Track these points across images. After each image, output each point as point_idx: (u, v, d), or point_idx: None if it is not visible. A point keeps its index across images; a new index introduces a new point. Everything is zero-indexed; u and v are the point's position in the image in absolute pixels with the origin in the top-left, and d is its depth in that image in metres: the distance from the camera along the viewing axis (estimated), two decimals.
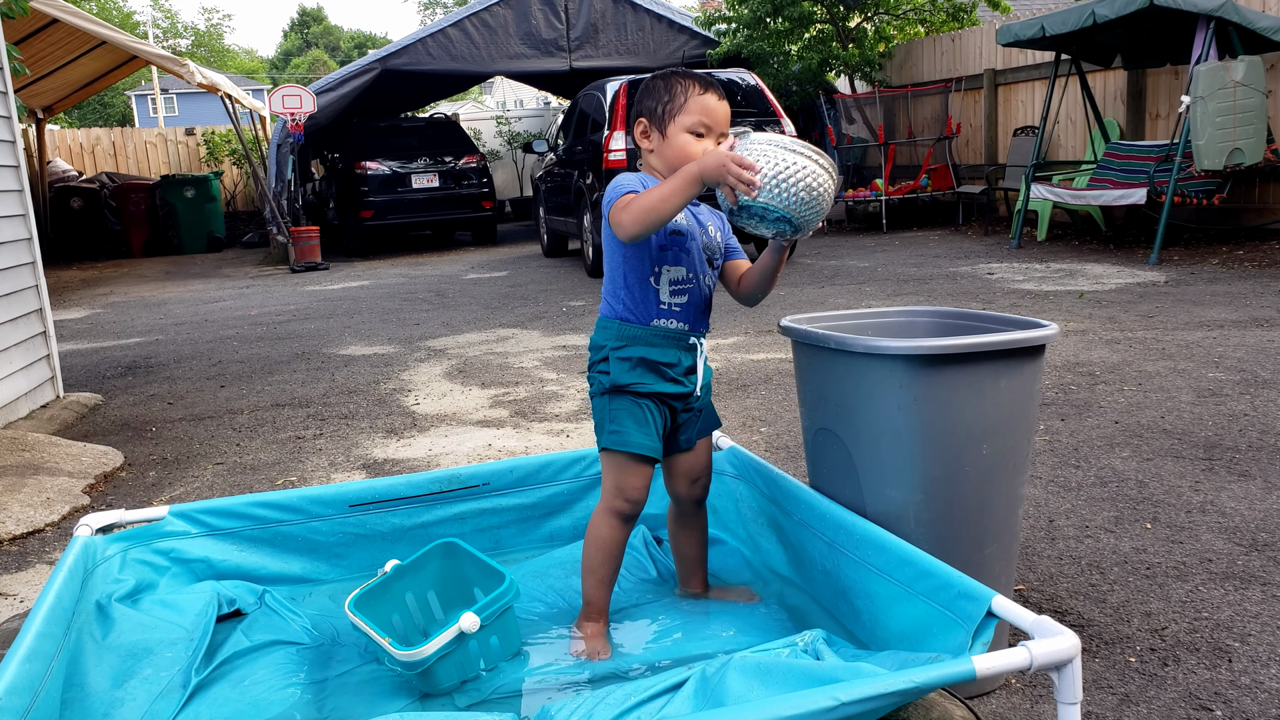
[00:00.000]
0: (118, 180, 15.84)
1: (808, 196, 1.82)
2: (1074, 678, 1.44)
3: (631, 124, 2.12)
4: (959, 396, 1.90)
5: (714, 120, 2.02)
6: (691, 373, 2.11)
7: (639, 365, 2.05)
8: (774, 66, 12.88)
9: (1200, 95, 7.22)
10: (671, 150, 2.03)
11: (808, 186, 1.82)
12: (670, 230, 2.04)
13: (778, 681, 1.56)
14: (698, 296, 2.10)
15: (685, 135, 2.01)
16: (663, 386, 2.07)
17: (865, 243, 10.66)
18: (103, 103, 38.63)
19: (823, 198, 1.84)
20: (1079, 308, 6.07)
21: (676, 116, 2.02)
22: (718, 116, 2.02)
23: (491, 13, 13.18)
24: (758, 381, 4.74)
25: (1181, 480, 3.11)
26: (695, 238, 2.09)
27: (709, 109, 2.02)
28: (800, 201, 1.82)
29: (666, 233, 2.04)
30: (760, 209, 1.84)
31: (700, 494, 2.22)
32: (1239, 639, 2.16)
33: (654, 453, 2.08)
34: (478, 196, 13.39)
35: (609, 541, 2.09)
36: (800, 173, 1.81)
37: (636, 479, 2.07)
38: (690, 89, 2.02)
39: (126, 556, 2.28)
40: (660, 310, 2.06)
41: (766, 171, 1.80)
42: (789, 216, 1.84)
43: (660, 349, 2.06)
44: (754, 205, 1.83)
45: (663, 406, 2.09)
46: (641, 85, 2.12)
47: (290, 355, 6.27)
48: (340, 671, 2.05)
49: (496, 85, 39.99)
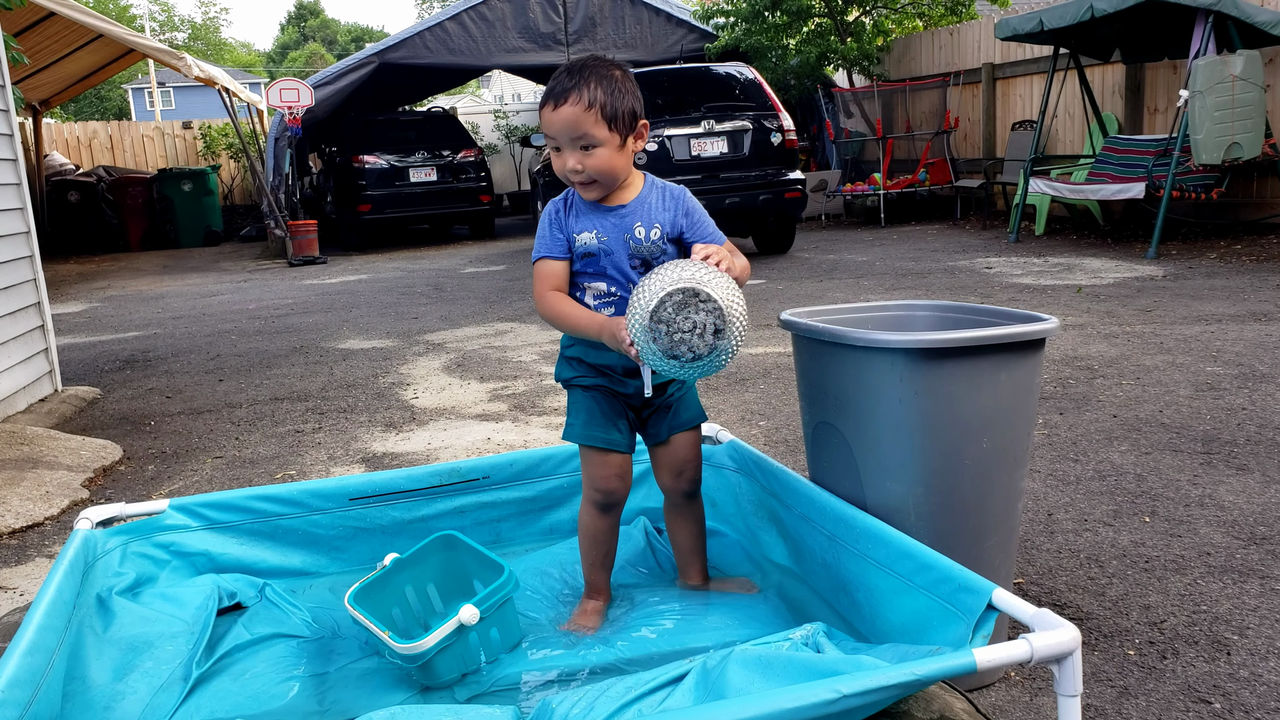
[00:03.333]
0: (115, 174, 15.81)
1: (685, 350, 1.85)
2: (1074, 670, 1.44)
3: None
4: (959, 390, 1.90)
5: (558, 134, 2.00)
6: (631, 375, 2.10)
7: (579, 362, 2.13)
8: (772, 60, 12.87)
9: (1199, 89, 7.22)
10: (555, 164, 2.10)
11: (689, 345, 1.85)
12: (580, 254, 2.07)
13: (778, 674, 1.56)
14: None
15: (550, 152, 2.07)
16: (605, 382, 2.13)
17: (863, 237, 10.66)
18: (100, 96, 38.57)
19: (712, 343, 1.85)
20: (1077, 302, 6.08)
21: (543, 132, 2.06)
22: (553, 128, 2.00)
23: (489, 6, 13.16)
24: (756, 376, 4.75)
25: (1180, 474, 3.11)
26: (613, 252, 2.05)
27: (547, 123, 2.01)
28: (678, 359, 1.85)
29: (577, 256, 2.07)
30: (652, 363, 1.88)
31: (686, 487, 2.22)
32: (1237, 632, 2.16)
33: (606, 444, 2.11)
34: (475, 190, 13.37)
35: (590, 529, 2.18)
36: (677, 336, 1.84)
37: (598, 469, 2.13)
38: (543, 104, 2.02)
39: (127, 550, 2.28)
40: None
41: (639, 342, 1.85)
42: (669, 372, 1.89)
43: (598, 351, 2.09)
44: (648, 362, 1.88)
45: (615, 400, 2.13)
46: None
47: (288, 349, 6.26)
48: (341, 664, 2.05)
49: (494, 79, 39.91)
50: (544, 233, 2.09)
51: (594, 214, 2.07)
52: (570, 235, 2.07)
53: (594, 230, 2.06)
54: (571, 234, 2.07)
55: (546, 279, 2.08)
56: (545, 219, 2.09)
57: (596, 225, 2.06)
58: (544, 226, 2.09)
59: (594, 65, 2.00)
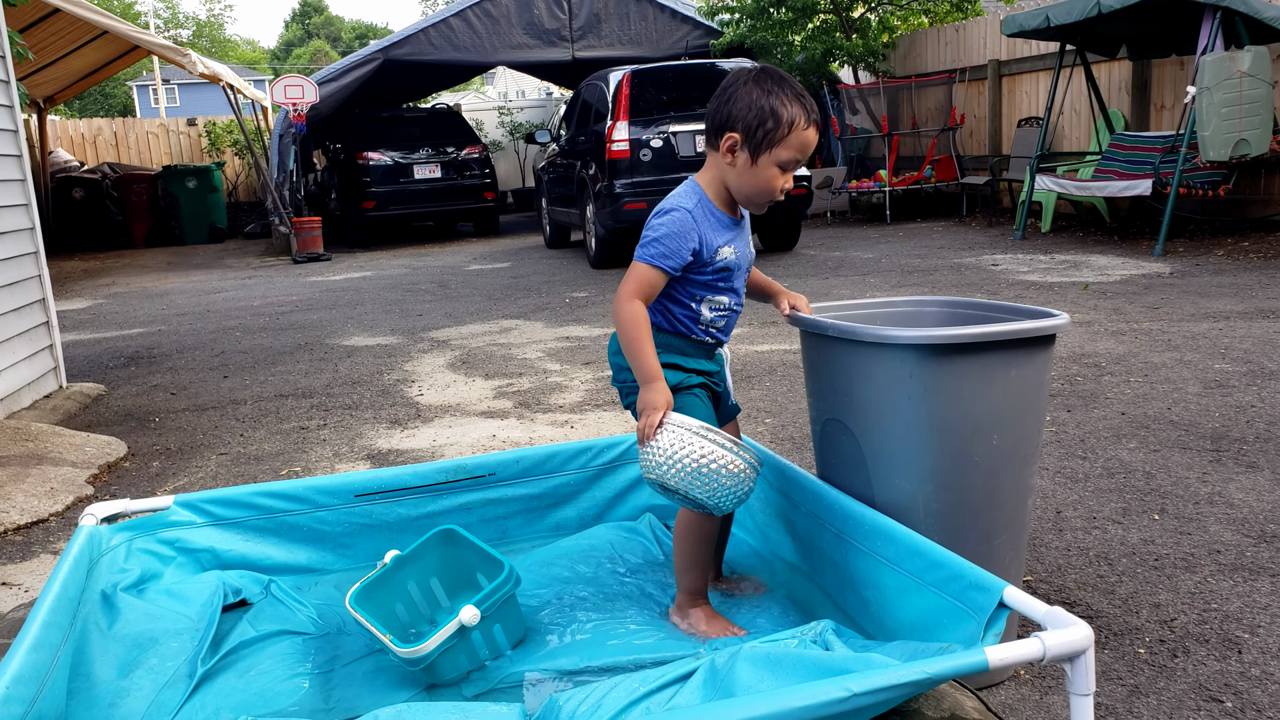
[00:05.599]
0: (119, 171, 15.83)
1: (685, 475, 1.91)
2: (1087, 669, 1.42)
3: (718, 128, 1.96)
4: (969, 386, 1.89)
5: (805, 155, 1.94)
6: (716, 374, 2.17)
7: (678, 368, 2.06)
8: (777, 57, 12.83)
9: (1206, 86, 7.18)
10: (755, 179, 1.94)
11: (697, 471, 1.90)
12: (719, 267, 2.01)
13: (787, 672, 1.55)
14: (734, 320, 2.15)
15: (774, 169, 1.93)
16: (706, 380, 2.13)
17: (869, 234, 10.63)
18: (104, 93, 38.61)
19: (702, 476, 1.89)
20: (1084, 299, 6.05)
21: (774, 148, 1.91)
22: (809, 150, 1.94)
23: (494, 2, 13.15)
24: (762, 373, 4.73)
25: (1189, 471, 3.10)
26: (743, 266, 2.07)
27: (807, 145, 1.92)
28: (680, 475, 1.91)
29: (715, 269, 2.01)
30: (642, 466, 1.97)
31: None
32: (1248, 630, 2.15)
33: None
34: (480, 187, 13.36)
35: (701, 530, 2.07)
36: (688, 460, 1.90)
37: None
38: (797, 120, 1.90)
39: (132, 546, 2.27)
40: (700, 331, 2.08)
41: (660, 444, 1.91)
42: (659, 483, 1.95)
43: (694, 359, 2.09)
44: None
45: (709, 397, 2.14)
46: (736, 90, 1.94)
47: (293, 346, 6.26)
48: (346, 661, 2.04)
49: (499, 75, 39.89)
50: (671, 239, 1.94)
51: (728, 227, 2.02)
52: (711, 249, 1.98)
53: (732, 245, 2.02)
54: (713, 247, 1.98)
55: (645, 287, 1.95)
56: (677, 223, 1.94)
57: (733, 240, 2.02)
58: (674, 230, 1.94)
59: None
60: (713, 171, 2.01)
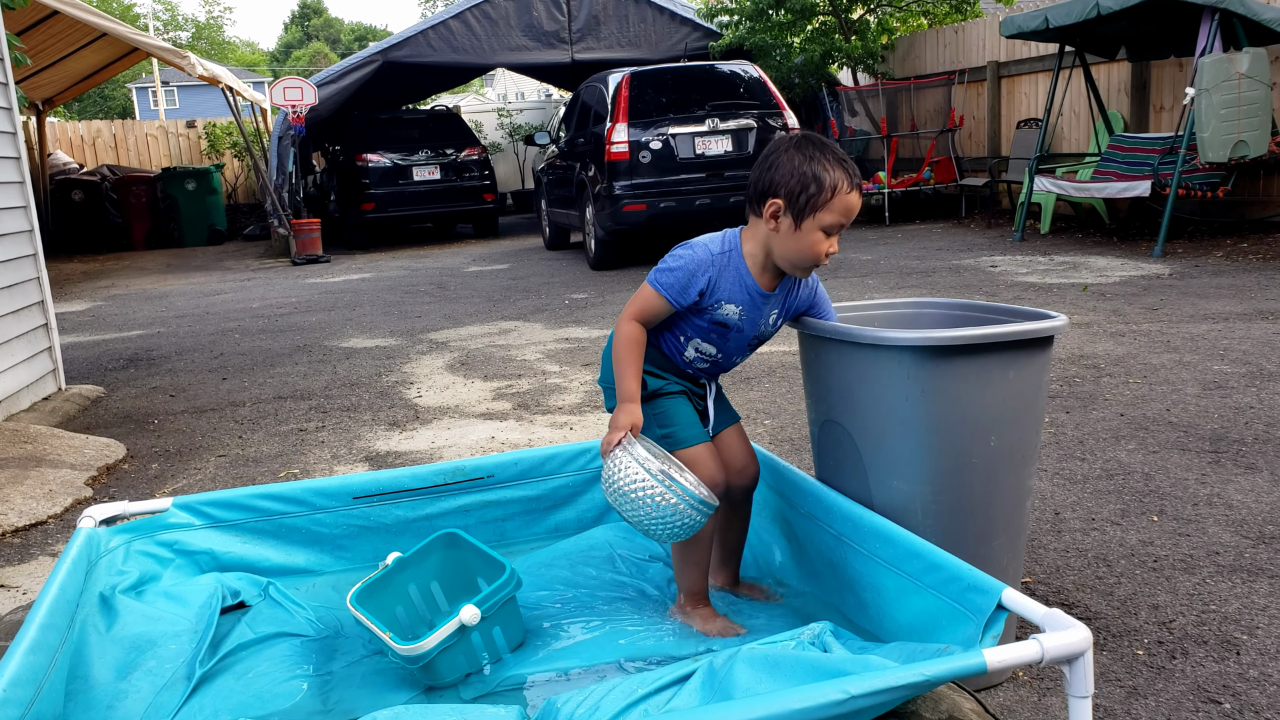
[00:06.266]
0: (119, 173, 15.81)
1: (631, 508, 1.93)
2: (1086, 671, 1.42)
3: (761, 195, 1.96)
4: (967, 388, 1.89)
5: (849, 219, 1.95)
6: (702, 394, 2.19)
7: (658, 375, 2.11)
8: (776, 59, 12.83)
9: (1205, 87, 7.19)
10: (799, 244, 1.94)
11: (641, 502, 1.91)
12: (716, 319, 2.03)
13: (786, 674, 1.55)
14: (720, 369, 2.16)
15: (818, 233, 1.93)
16: (689, 385, 2.15)
17: (868, 235, 10.63)
18: (103, 95, 38.62)
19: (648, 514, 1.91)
20: (1083, 300, 6.05)
21: (818, 212, 1.91)
22: (854, 214, 1.95)
23: (493, 4, 13.14)
24: (761, 374, 4.73)
25: (1188, 473, 3.10)
26: (744, 331, 2.06)
27: (850, 209, 1.93)
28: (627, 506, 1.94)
29: (712, 319, 2.03)
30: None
31: (746, 482, 2.22)
32: (1247, 631, 2.15)
33: (708, 439, 2.12)
34: (479, 189, 13.36)
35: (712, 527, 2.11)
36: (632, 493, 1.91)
37: (712, 462, 2.08)
38: (840, 185, 1.90)
39: (130, 548, 2.27)
40: (682, 363, 2.12)
41: (609, 464, 1.93)
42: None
43: (673, 377, 2.12)
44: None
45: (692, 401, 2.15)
46: (779, 157, 1.94)
47: (292, 348, 6.26)
48: (345, 664, 2.04)
49: (498, 77, 39.93)
50: (684, 273, 1.98)
51: (748, 291, 2.02)
52: (714, 297, 2.00)
53: (740, 306, 2.02)
54: (717, 300, 2.00)
55: (647, 311, 2.00)
56: (695, 260, 1.98)
57: (743, 302, 2.02)
58: (689, 266, 1.98)
59: None
60: (756, 237, 2.01)
